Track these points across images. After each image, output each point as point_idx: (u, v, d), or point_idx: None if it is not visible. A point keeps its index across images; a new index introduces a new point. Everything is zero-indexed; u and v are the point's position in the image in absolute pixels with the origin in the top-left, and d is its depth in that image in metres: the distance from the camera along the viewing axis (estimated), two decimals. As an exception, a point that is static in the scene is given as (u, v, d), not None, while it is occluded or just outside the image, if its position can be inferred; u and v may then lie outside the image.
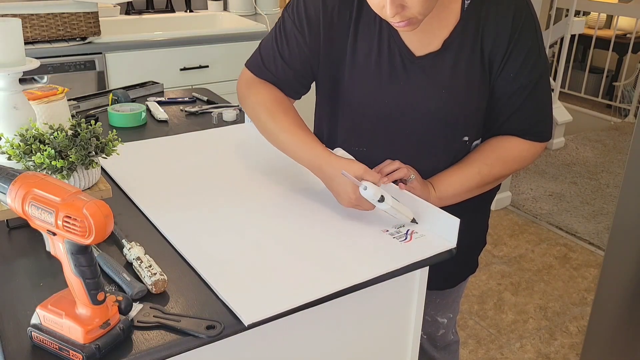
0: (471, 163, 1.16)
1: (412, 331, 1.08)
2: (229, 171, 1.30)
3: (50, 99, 1.21)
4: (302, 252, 0.98)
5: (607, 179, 3.65)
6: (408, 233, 1.04)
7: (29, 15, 2.27)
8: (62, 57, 2.36)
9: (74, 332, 0.74)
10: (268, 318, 0.82)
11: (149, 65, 2.54)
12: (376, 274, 0.93)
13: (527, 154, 1.18)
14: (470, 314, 2.36)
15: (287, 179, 1.27)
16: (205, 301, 0.86)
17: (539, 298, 2.48)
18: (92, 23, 2.40)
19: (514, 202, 3.30)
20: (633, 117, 4.67)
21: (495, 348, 2.17)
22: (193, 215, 1.09)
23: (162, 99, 1.81)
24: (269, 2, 3.18)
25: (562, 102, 4.26)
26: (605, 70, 4.92)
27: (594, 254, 2.83)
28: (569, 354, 2.16)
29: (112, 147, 1.06)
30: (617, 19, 4.89)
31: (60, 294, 0.78)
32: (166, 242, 1.01)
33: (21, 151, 0.98)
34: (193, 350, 0.78)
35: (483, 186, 1.18)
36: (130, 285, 0.86)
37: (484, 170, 1.15)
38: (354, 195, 1.03)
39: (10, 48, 1.03)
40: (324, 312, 0.93)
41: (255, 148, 1.45)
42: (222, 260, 0.95)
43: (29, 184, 0.72)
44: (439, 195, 1.15)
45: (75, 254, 0.72)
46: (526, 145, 1.17)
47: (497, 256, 2.79)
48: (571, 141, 4.23)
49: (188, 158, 1.38)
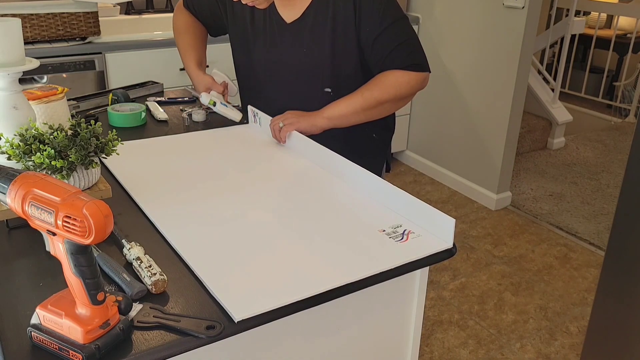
0: (356, 91, 1.43)
1: (412, 331, 1.08)
2: (228, 171, 1.30)
3: (50, 99, 1.21)
4: (298, 252, 0.98)
5: (608, 179, 3.65)
6: (404, 233, 1.04)
7: (29, 15, 2.27)
8: (62, 57, 2.36)
9: (74, 332, 0.74)
10: (259, 315, 0.82)
11: (149, 65, 2.54)
12: (371, 273, 0.93)
13: (403, 80, 1.41)
14: (470, 314, 2.36)
15: (285, 179, 1.27)
16: (205, 301, 0.86)
17: (539, 298, 2.48)
18: (92, 23, 2.40)
19: (514, 202, 3.30)
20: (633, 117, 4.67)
21: (495, 348, 2.17)
22: (192, 215, 1.09)
23: (162, 99, 1.81)
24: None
25: (563, 102, 4.25)
26: (606, 70, 4.92)
27: (595, 254, 2.83)
28: (569, 354, 2.16)
29: (112, 147, 1.06)
30: (617, 18, 4.88)
31: (60, 294, 0.78)
32: (166, 242, 1.01)
33: (21, 151, 0.98)
34: (193, 350, 0.78)
35: (368, 109, 1.42)
36: (130, 285, 0.86)
37: (366, 94, 1.41)
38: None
39: (10, 48, 1.03)
40: (324, 312, 0.93)
41: (255, 148, 1.45)
42: (219, 259, 0.95)
43: (29, 184, 0.72)
44: (327, 115, 1.42)
45: (75, 254, 0.72)
46: (402, 73, 1.41)
47: (498, 256, 2.79)
48: (571, 141, 4.23)
49: (188, 158, 1.38)
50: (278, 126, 1.43)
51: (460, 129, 3.35)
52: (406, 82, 1.41)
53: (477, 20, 3.09)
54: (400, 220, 1.09)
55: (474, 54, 3.16)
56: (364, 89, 1.42)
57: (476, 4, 3.07)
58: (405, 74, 1.41)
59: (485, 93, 3.15)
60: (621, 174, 3.65)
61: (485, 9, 3.02)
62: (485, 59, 3.10)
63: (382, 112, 1.46)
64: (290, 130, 1.41)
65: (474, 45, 3.15)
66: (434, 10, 3.34)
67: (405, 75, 1.41)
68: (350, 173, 1.23)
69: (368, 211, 1.12)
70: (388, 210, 1.13)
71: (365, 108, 1.42)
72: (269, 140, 1.49)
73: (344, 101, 1.43)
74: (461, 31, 3.20)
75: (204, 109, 1.66)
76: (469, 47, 3.18)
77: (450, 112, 3.40)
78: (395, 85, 1.41)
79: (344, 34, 1.42)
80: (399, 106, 1.48)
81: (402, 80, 1.41)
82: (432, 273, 2.61)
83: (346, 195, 1.20)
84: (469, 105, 3.26)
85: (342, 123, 1.44)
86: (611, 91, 5.11)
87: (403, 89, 1.42)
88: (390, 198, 1.13)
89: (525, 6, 2.81)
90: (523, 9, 2.82)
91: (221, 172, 1.30)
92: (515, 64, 2.93)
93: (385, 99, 1.42)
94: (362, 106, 1.41)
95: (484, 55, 3.10)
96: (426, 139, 3.62)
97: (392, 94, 1.42)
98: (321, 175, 1.29)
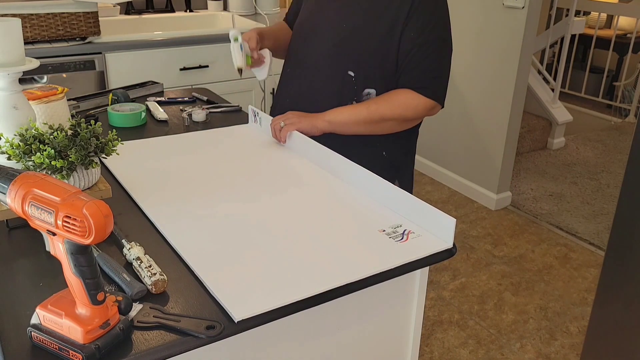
0: (364, 102, 1.41)
1: (412, 331, 1.08)
2: (228, 171, 1.30)
3: (50, 99, 1.21)
4: (297, 252, 0.98)
5: (608, 179, 3.65)
6: (404, 233, 1.04)
7: (29, 15, 2.27)
8: (62, 57, 2.36)
9: (74, 332, 0.74)
10: (259, 315, 0.82)
11: (149, 65, 2.54)
12: (371, 273, 0.93)
13: (413, 103, 1.38)
14: (470, 314, 2.36)
15: (286, 179, 1.27)
16: (205, 301, 0.86)
17: (539, 298, 2.48)
18: (92, 23, 2.40)
19: (515, 202, 3.30)
20: (633, 117, 4.67)
21: (495, 348, 2.17)
22: (192, 215, 1.09)
23: (162, 99, 1.81)
24: (269, 2, 3.18)
25: (563, 102, 4.25)
26: (606, 70, 4.92)
27: (594, 254, 2.83)
28: (569, 354, 2.16)
29: (112, 147, 1.06)
30: (617, 18, 4.88)
31: (60, 294, 0.78)
32: (166, 242, 1.01)
33: (21, 151, 0.98)
34: (193, 350, 0.78)
35: (370, 123, 1.39)
36: (130, 285, 0.86)
37: (372, 107, 1.39)
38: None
39: (10, 48, 1.03)
40: (324, 312, 0.93)
41: (255, 148, 1.45)
42: (218, 258, 0.95)
43: (29, 184, 0.72)
44: (328, 119, 1.40)
45: (75, 254, 0.72)
46: (414, 94, 1.38)
47: (498, 256, 2.79)
48: (571, 141, 4.23)
49: (188, 158, 1.38)
50: (279, 126, 1.42)
51: (460, 129, 3.35)
52: (415, 105, 1.38)
53: (477, 20, 3.09)
54: (400, 220, 1.08)
55: (474, 54, 3.16)
56: (371, 101, 1.40)
57: (476, 3, 3.07)
58: (417, 96, 1.38)
59: (485, 93, 3.15)
60: (621, 174, 3.65)
61: (485, 8, 3.02)
62: (485, 59, 3.10)
63: (385, 128, 1.43)
64: (291, 130, 1.41)
65: (474, 45, 3.15)
66: (434, 10, 3.34)
67: (417, 98, 1.38)
68: (350, 173, 1.23)
69: (368, 211, 1.12)
70: (388, 210, 1.13)
71: (368, 121, 1.39)
72: (269, 140, 1.49)
73: (348, 109, 1.40)
74: (461, 31, 3.20)
75: (204, 109, 1.66)
76: (469, 47, 3.18)
77: (450, 112, 3.39)
78: (403, 106, 1.39)
79: (389, 24, 1.38)
80: (402, 127, 1.45)
81: (412, 103, 1.38)
82: (432, 273, 2.61)
83: (346, 195, 1.20)
84: (469, 105, 3.26)
85: (343, 130, 1.41)
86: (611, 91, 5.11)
87: (410, 111, 1.39)
88: (390, 198, 1.13)
89: (525, 6, 2.81)
90: (523, 9, 2.82)
91: (221, 172, 1.30)
92: (515, 64, 2.93)
93: (390, 117, 1.40)
94: (365, 118, 1.39)
95: (484, 55, 3.10)
96: (426, 138, 3.61)
97: (397, 113, 1.39)
98: (321, 175, 1.29)
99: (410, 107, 1.39)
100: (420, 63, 1.38)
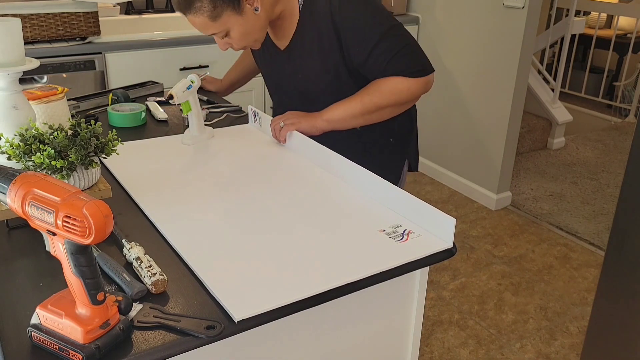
0: (356, 95, 1.42)
1: (412, 331, 1.08)
2: (228, 171, 1.30)
3: (50, 99, 1.21)
4: (297, 252, 0.98)
5: (608, 179, 3.65)
6: (404, 233, 1.04)
7: (29, 15, 2.27)
8: (62, 57, 2.36)
9: (74, 332, 0.74)
10: (259, 315, 0.82)
11: (149, 65, 2.54)
12: (371, 273, 0.93)
13: (403, 87, 1.39)
14: (470, 314, 2.36)
15: (285, 179, 1.27)
16: (205, 301, 0.86)
17: (539, 298, 2.48)
18: (92, 23, 2.40)
19: (514, 202, 3.30)
20: (633, 117, 4.67)
21: (495, 348, 2.17)
22: (192, 215, 1.09)
23: (162, 99, 1.81)
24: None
25: (563, 102, 4.25)
26: (606, 70, 4.92)
27: (594, 254, 2.83)
28: (570, 354, 2.16)
29: (112, 147, 1.06)
30: (617, 18, 4.88)
31: (60, 294, 0.78)
32: (166, 242, 1.01)
33: (21, 151, 0.98)
34: (193, 350, 0.78)
35: (367, 114, 1.42)
36: (130, 285, 0.86)
37: (365, 98, 1.40)
38: None
39: (10, 48, 1.03)
40: (325, 313, 0.93)
41: (255, 148, 1.45)
42: (219, 259, 0.95)
43: (29, 183, 0.72)
44: (326, 118, 1.43)
45: (75, 254, 0.72)
46: (402, 79, 1.39)
47: (498, 256, 2.79)
48: (571, 141, 4.23)
49: (188, 158, 1.38)
50: (279, 126, 1.44)
51: (460, 129, 3.35)
52: (406, 88, 1.39)
53: (477, 20, 3.09)
54: (400, 220, 1.09)
55: (474, 54, 3.16)
56: (363, 93, 1.41)
57: (476, 4, 3.07)
58: (404, 80, 1.38)
59: (485, 93, 3.14)
60: (621, 174, 3.65)
61: (485, 9, 3.02)
62: (485, 59, 3.10)
63: (384, 115, 1.44)
64: (291, 130, 1.42)
65: (474, 45, 3.15)
66: (434, 11, 3.34)
67: (405, 82, 1.38)
68: (350, 173, 1.23)
69: (368, 211, 1.12)
70: (388, 210, 1.13)
71: (365, 113, 1.41)
72: (269, 140, 1.49)
73: (343, 105, 1.41)
74: (461, 31, 3.20)
75: (204, 109, 1.66)
76: (469, 47, 3.18)
77: (450, 112, 3.40)
78: (395, 92, 1.39)
79: (332, 57, 1.40)
80: (402, 109, 1.46)
81: (402, 87, 1.39)
82: (432, 273, 2.61)
83: (346, 195, 1.20)
84: (469, 105, 3.26)
85: (342, 126, 1.43)
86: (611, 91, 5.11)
87: (404, 95, 1.40)
88: (390, 198, 1.13)
89: (525, 6, 2.81)
90: (523, 9, 2.82)
91: (221, 172, 1.30)
92: (515, 64, 2.93)
93: (385, 105, 1.41)
94: (361, 111, 1.41)
95: (484, 55, 3.10)
96: (426, 138, 3.62)
97: (392, 100, 1.40)
98: (321, 175, 1.29)
99: (403, 91, 1.39)
100: (387, 60, 1.36)
